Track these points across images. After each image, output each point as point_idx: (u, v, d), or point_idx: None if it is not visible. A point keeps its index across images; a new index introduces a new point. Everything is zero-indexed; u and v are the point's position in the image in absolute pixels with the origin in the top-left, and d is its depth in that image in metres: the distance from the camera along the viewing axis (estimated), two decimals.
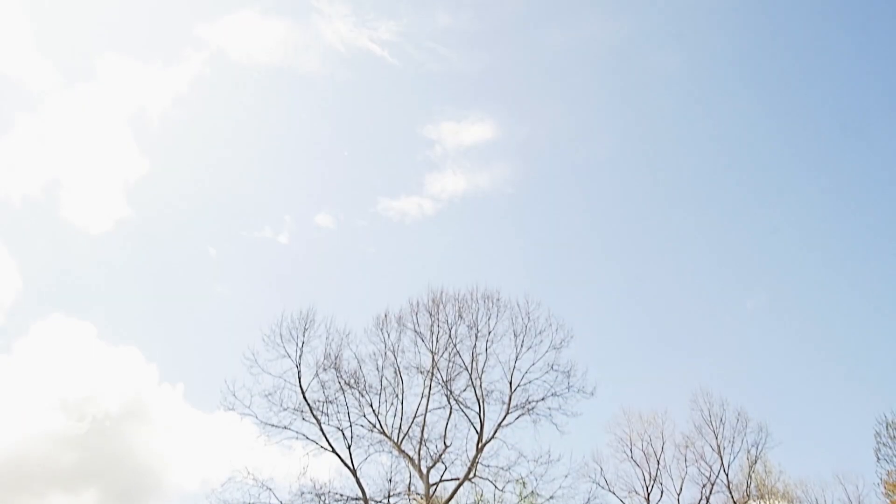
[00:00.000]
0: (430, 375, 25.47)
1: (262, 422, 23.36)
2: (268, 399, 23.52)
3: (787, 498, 37.47)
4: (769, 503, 37.29)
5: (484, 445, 24.30)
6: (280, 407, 23.48)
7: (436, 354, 25.64)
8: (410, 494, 24.80)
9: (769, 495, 37.04)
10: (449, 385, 25.32)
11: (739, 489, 34.84)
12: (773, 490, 37.21)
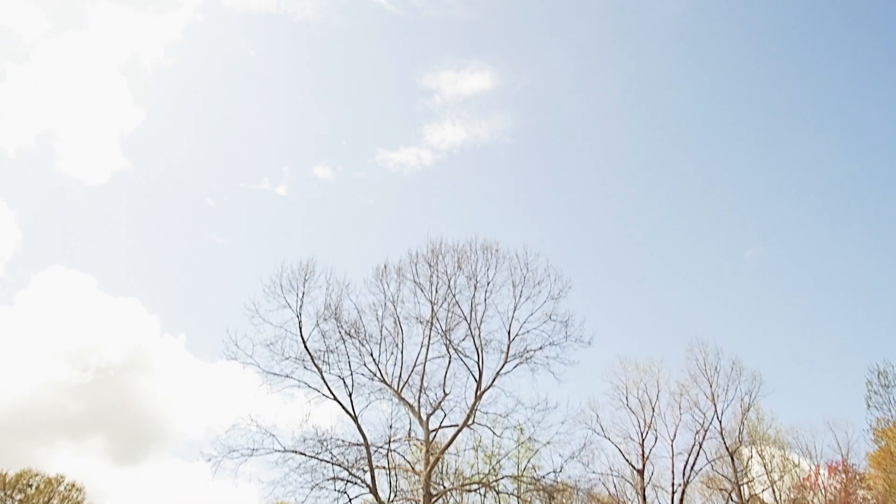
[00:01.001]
0: (429, 325, 25.73)
1: (264, 371, 23.59)
2: (269, 348, 23.77)
3: (779, 444, 38.43)
4: (760, 449, 38.26)
5: (482, 393, 24.72)
6: (281, 356, 23.72)
7: (435, 305, 25.86)
8: (411, 440, 25.39)
9: (761, 441, 37.97)
10: (448, 335, 25.62)
11: (732, 435, 35.71)
12: (764, 436, 38.15)
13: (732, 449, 35.07)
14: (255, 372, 23.92)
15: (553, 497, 27.45)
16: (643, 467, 35.57)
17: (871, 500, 35.75)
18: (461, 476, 29.15)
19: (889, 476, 30.73)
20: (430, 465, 24.06)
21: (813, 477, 38.11)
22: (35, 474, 43.60)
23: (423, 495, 23.60)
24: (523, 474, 25.98)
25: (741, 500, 34.88)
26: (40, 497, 42.71)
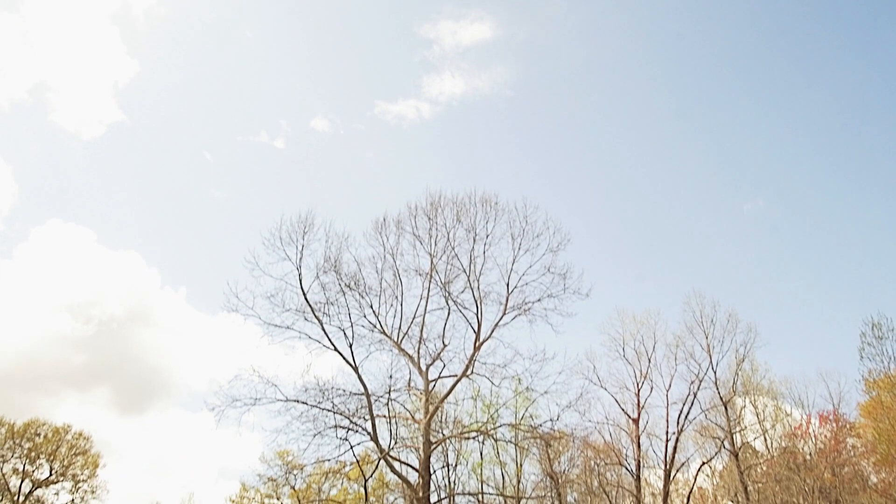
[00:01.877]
0: (428, 278, 25.90)
1: (265, 322, 23.76)
2: (270, 301, 23.93)
3: (772, 394, 39.16)
4: (754, 399, 39.00)
5: (481, 344, 25.04)
6: (282, 308, 23.88)
7: (434, 257, 25.97)
8: (410, 390, 25.84)
9: (754, 392, 38.68)
10: (447, 287, 25.81)
11: (726, 386, 36.30)
12: (758, 387, 38.84)
13: (726, 399, 35.69)
14: (256, 324, 24.14)
15: (549, 444, 28.19)
16: (638, 416, 36.29)
17: (860, 448, 36.62)
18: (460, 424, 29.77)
19: (878, 425, 31.36)
20: (430, 413, 24.54)
21: (804, 426, 38.95)
22: (42, 424, 44.46)
23: (422, 443, 24.14)
24: (521, 423, 26.50)
25: (733, 448, 35.69)
26: (48, 446, 43.61)
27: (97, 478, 44.46)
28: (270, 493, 30.79)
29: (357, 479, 28.96)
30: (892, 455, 29.42)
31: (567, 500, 41.57)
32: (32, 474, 42.70)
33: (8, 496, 41.39)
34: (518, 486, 39.72)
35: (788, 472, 35.96)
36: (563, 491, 39.15)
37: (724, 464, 40.35)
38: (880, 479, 34.87)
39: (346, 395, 23.50)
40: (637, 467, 35.88)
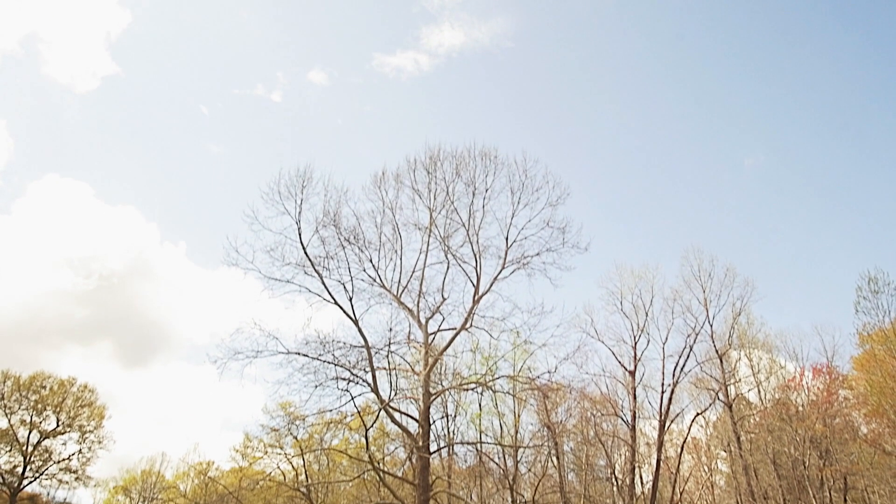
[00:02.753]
0: (428, 232, 25.93)
1: (265, 276, 23.84)
2: (269, 255, 23.99)
3: (767, 348, 39.65)
4: (749, 352, 39.51)
5: (480, 298, 25.24)
6: (282, 262, 23.94)
7: (433, 211, 25.96)
8: (410, 343, 26.15)
9: (749, 345, 39.16)
10: (446, 241, 25.88)
11: (722, 339, 36.73)
12: (753, 340, 39.30)
13: (721, 352, 36.17)
14: (256, 278, 24.24)
15: (547, 396, 28.66)
16: (635, 369, 36.84)
17: (852, 400, 37.30)
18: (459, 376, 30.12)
19: (871, 377, 31.82)
20: (430, 366, 24.89)
21: (797, 378, 39.59)
22: (48, 376, 45.14)
23: (422, 394, 24.56)
24: (519, 375, 26.95)
25: (727, 400, 36.34)
26: (54, 398, 44.32)
27: (103, 429, 45.41)
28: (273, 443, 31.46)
29: (358, 429, 29.56)
30: (882, 406, 29.95)
31: (563, 449, 42.54)
32: (40, 425, 43.52)
33: (17, 446, 42.28)
34: (516, 435, 40.59)
35: (781, 422, 36.70)
36: (560, 440, 39.99)
37: (718, 415, 41.18)
38: (870, 430, 35.60)
39: (347, 348, 23.76)
40: (632, 418, 36.59)
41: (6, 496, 41.20)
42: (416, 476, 23.84)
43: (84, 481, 44.69)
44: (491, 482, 39.22)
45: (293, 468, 40.00)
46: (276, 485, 28.64)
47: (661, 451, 36.23)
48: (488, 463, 31.45)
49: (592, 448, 41.43)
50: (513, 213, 25.43)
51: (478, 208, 25.68)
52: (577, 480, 43.61)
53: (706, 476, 43.07)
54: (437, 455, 33.59)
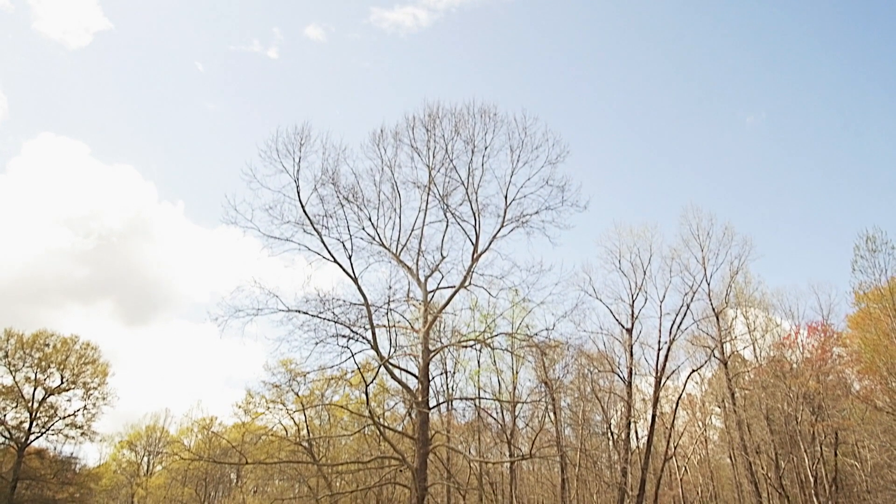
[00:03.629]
0: (426, 190, 25.85)
1: (264, 234, 23.83)
2: (268, 213, 23.96)
3: (763, 306, 39.97)
4: (745, 311, 39.85)
5: (479, 256, 25.32)
6: (281, 220, 23.91)
7: (432, 169, 25.83)
8: (409, 301, 26.34)
9: (746, 303, 39.45)
10: (445, 199, 25.81)
11: (719, 297, 37.02)
12: (750, 299, 39.57)
13: (718, 310, 36.49)
14: (255, 236, 24.25)
15: (545, 353, 29.01)
16: (632, 326, 37.21)
17: (846, 358, 37.80)
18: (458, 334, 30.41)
19: (865, 335, 32.18)
20: (429, 323, 25.13)
21: (793, 336, 40.03)
22: (51, 334, 45.53)
23: (421, 351, 24.86)
24: (517, 332, 27.18)
25: (723, 357, 36.82)
26: (57, 355, 44.79)
27: (107, 385, 46.02)
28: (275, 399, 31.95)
29: (358, 385, 30.00)
30: (876, 364, 30.34)
31: (560, 405, 43.28)
32: (44, 382, 44.09)
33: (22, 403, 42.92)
34: (514, 392, 41.22)
35: (775, 379, 37.24)
36: (557, 396, 40.65)
37: (713, 372, 41.76)
38: (863, 387, 36.17)
39: (347, 306, 23.94)
40: (629, 374, 37.14)
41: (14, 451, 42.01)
42: (415, 431, 24.31)
43: (90, 436, 45.53)
44: (489, 436, 40.05)
45: (295, 423, 40.72)
46: (279, 439, 29.19)
47: (657, 407, 36.88)
48: (487, 418, 32.05)
49: (589, 404, 42.16)
50: (512, 171, 25.32)
51: (477, 166, 25.56)
52: (573, 435, 44.50)
53: (700, 431, 43.93)
54: (437, 410, 34.15)
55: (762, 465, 36.34)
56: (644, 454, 36.05)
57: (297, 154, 23.48)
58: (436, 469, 35.28)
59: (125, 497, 76.61)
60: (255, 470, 45.54)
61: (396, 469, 26.95)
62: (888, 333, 29.49)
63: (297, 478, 37.98)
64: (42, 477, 42.31)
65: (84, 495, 45.36)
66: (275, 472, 45.26)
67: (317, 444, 42.20)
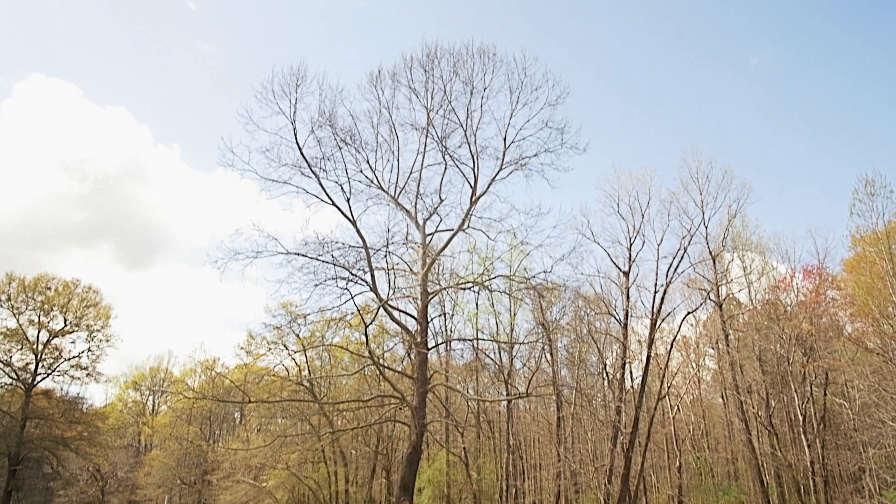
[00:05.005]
0: (425, 132, 25.65)
1: (262, 177, 23.73)
2: (266, 155, 23.79)
3: (760, 250, 40.19)
4: (742, 254, 40.09)
5: (477, 199, 25.34)
6: (278, 163, 23.78)
7: (431, 111, 25.55)
8: (408, 243, 26.49)
9: (743, 247, 39.66)
10: (444, 142, 25.64)
11: (716, 241, 37.17)
12: (747, 242, 39.75)
13: (715, 253, 36.68)
14: (253, 179, 24.15)
15: (542, 295, 29.33)
16: (629, 269, 37.47)
17: (840, 300, 38.26)
18: (456, 276, 30.72)
19: (860, 278, 32.47)
20: (427, 266, 25.36)
21: (788, 279, 40.41)
22: (52, 278, 45.84)
23: (420, 293, 25.17)
24: (515, 275, 27.43)
25: (718, 300, 37.22)
26: (59, 298, 45.19)
27: (110, 328, 46.60)
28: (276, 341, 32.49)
29: (358, 327, 30.41)
30: (869, 306, 30.72)
31: (557, 346, 44.08)
32: (48, 325, 44.63)
33: (27, 345, 43.54)
34: (511, 333, 41.92)
35: (769, 321, 37.78)
36: (554, 338, 41.36)
37: (708, 314, 42.31)
38: (855, 329, 36.74)
39: (345, 248, 24.06)
40: (625, 317, 37.62)
41: (22, 391, 42.88)
42: (414, 370, 24.84)
43: (95, 377, 46.43)
44: (487, 377, 40.93)
45: (296, 364, 41.55)
46: (281, 380, 29.81)
47: (652, 348, 37.53)
48: (484, 359, 32.65)
49: (585, 345, 42.90)
50: (511, 112, 25.10)
51: (476, 108, 25.31)
52: (569, 375, 45.49)
53: (693, 372, 44.84)
54: (435, 351, 34.83)
55: (753, 404, 37.23)
56: (638, 394, 36.89)
57: (293, 95, 23.17)
58: (434, 408, 36.16)
59: (132, 435, 78.77)
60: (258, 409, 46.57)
61: (396, 407, 27.64)
62: (882, 276, 29.76)
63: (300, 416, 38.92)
64: (50, 416, 43.30)
65: (92, 433, 46.54)
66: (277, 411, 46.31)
67: (318, 384, 43.18)
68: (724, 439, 44.84)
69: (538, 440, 55.02)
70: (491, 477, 43.20)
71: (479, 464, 44.09)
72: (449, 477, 43.53)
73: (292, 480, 50.73)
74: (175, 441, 68.11)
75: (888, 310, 29.69)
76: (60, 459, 46.22)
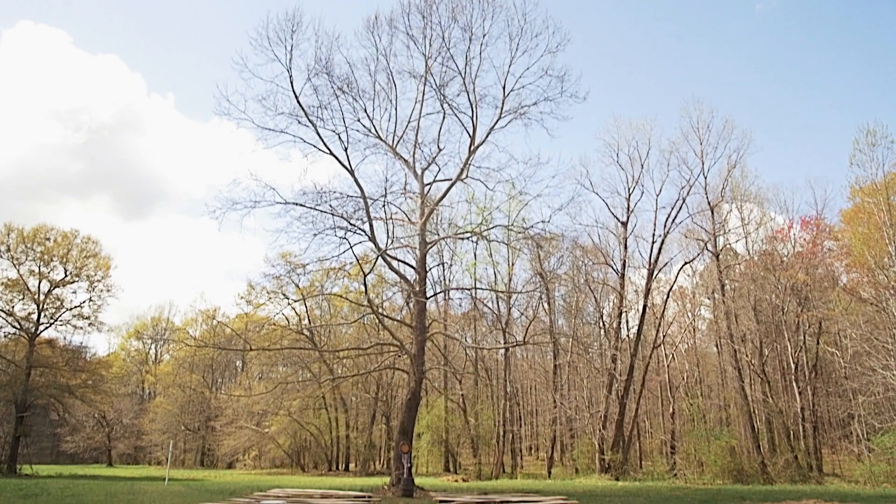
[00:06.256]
0: (423, 80, 25.27)
1: (259, 126, 23.44)
2: (262, 104, 23.47)
3: (759, 200, 40.14)
4: (740, 205, 40.07)
5: (476, 148, 25.16)
6: (275, 112, 23.49)
7: (429, 59, 25.11)
8: (406, 193, 26.44)
9: (741, 198, 39.61)
10: (442, 90, 25.29)
11: (715, 191, 37.09)
12: (746, 193, 39.68)
13: (714, 204, 36.65)
14: (249, 129, 23.98)
15: (540, 245, 29.44)
16: (627, 219, 37.55)
17: (836, 251, 38.44)
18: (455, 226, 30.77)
19: (857, 230, 32.54)
20: (426, 216, 25.37)
21: (785, 230, 40.52)
22: (51, 228, 45.70)
23: (419, 243, 25.25)
24: (513, 225, 27.43)
25: (715, 250, 37.39)
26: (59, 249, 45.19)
27: (110, 278, 46.71)
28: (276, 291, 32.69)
29: (357, 277, 30.66)
30: (865, 256, 30.90)
31: (554, 295, 44.50)
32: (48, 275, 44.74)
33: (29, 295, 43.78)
34: (509, 283, 42.29)
35: (765, 272, 38.05)
36: (551, 287, 41.72)
37: (705, 265, 42.55)
38: (850, 279, 37.04)
39: (343, 198, 24.02)
40: (622, 267, 37.89)
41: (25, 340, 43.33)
42: (413, 319, 25.14)
43: (97, 326, 46.72)
44: (485, 325, 41.43)
45: (296, 313, 41.93)
46: (281, 329, 30.13)
47: (648, 298, 37.91)
48: (482, 308, 32.97)
49: (582, 295, 43.30)
50: (511, 60, 24.68)
51: (475, 55, 24.87)
52: (566, 324, 46.06)
53: (689, 321, 45.36)
54: (434, 301, 35.11)
55: (746, 352, 37.81)
56: (634, 342, 37.44)
57: (288, 42, 22.72)
58: (433, 356, 36.77)
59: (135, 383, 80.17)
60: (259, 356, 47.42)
61: (395, 355, 28.04)
62: (880, 227, 29.86)
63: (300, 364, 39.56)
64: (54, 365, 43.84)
65: (96, 381, 47.17)
66: (279, 359, 47.10)
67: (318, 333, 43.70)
68: (717, 387, 45.71)
69: (535, 387, 56.15)
70: (488, 423, 44.24)
71: (477, 410, 45.10)
72: (447, 422, 44.61)
73: (294, 426, 51.99)
74: (178, 389, 69.43)
75: (884, 260, 29.90)
76: (66, 406, 47.04)
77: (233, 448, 55.72)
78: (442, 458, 46.52)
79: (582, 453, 38.77)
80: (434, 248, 32.63)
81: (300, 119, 23.69)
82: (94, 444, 67.26)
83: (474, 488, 25.14)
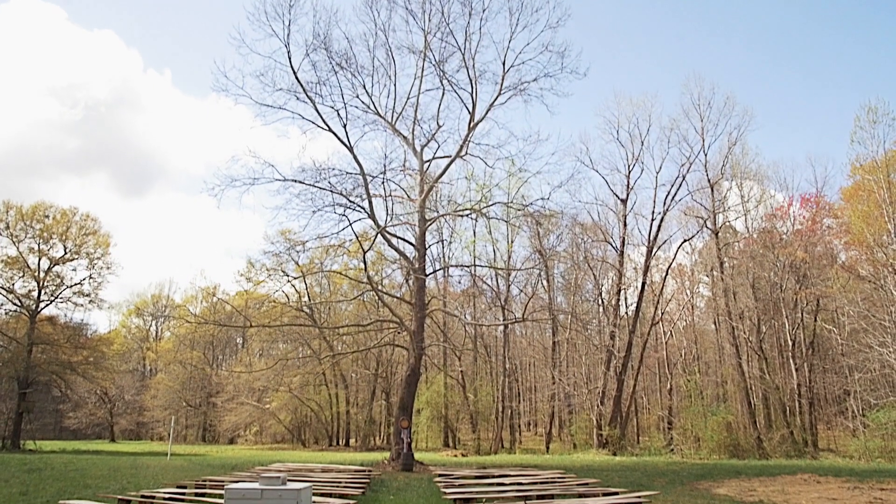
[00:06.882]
0: (422, 56, 25.07)
1: (257, 102, 23.32)
2: (260, 80, 23.42)
3: (759, 178, 40.04)
4: (740, 182, 39.97)
5: (476, 125, 25.03)
6: (273, 88, 23.34)
7: (428, 34, 24.88)
8: (405, 170, 26.37)
9: (741, 175, 39.51)
10: (441, 66, 25.10)
11: (715, 169, 36.99)
12: (746, 171, 39.57)
13: (714, 181, 36.58)
14: (247, 105, 23.97)
15: (539, 223, 29.45)
16: (626, 197, 37.50)
17: (835, 229, 38.42)
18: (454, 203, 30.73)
19: (857, 207, 32.50)
20: (425, 193, 25.33)
21: (785, 208, 40.47)
22: (50, 206, 45.63)
23: (418, 220, 25.24)
24: (513, 202, 27.42)
25: (715, 228, 37.40)
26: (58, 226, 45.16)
27: (110, 255, 46.73)
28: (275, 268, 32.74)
29: (356, 254, 30.66)
30: (864, 234, 30.90)
31: (553, 272, 44.58)
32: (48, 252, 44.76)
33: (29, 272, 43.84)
34: (509, 260, 42.32)
35: (764, 249, 38.08)
36: (551, 265, 41.78)
37: (704, 242, 42.57)
38: (848, 257, 37.09)
39: (342, 175, 23.98)
40: (621, 244, 37.92)
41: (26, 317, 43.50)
42: (412, 296, 25.22)
43: (98, 304, 46.84)
44: (484, 303, 41.57)
45: (296, 291, 42.08)
46: (281, 306, 30.22)
47: (647, 275, 38.01)
48: (482, 285, 33.06)
49: (581, 272, 43.38)
50: (511, 35, 24.46)
51: (474, 30, 24.65)
52: (565, 301, 46.20)
53: (687, 298, 45.51)
54: (433, 278, 35.18)
55: (744, 329, 37.99)
56: (632, 319, 37.61)
57: (286, 17, 22.49)
58: (432, 333, 36.93)
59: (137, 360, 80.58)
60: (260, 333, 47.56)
61: (395, 332, 28.19)
62: (879, 205, 29.82)
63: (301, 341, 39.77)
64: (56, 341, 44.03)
65: (97, 358, 47.40)
66: (279, 336, 47.31)
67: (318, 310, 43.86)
68: (714, 363, 46.01)
69: (533, 364, 56.50)
70: (487, 399, 44.61)
71: (476, 386, 45.44)
72: (446, 399, 44.99)
73: (295, 402, 52.43)
74: (179, 365, 69.82)
75: (882, 238, 29.92)
76: (68, 383, 47.41)
77: (234, 424, 56.26)
78: (441, 433, 47.01)
79: (580, 429, 39.16)
80: (433, 225, 32.61)
81: (298, 95, 23.57)
82: (97, 420, 67.80)
83: (473, 463, 25.44)
